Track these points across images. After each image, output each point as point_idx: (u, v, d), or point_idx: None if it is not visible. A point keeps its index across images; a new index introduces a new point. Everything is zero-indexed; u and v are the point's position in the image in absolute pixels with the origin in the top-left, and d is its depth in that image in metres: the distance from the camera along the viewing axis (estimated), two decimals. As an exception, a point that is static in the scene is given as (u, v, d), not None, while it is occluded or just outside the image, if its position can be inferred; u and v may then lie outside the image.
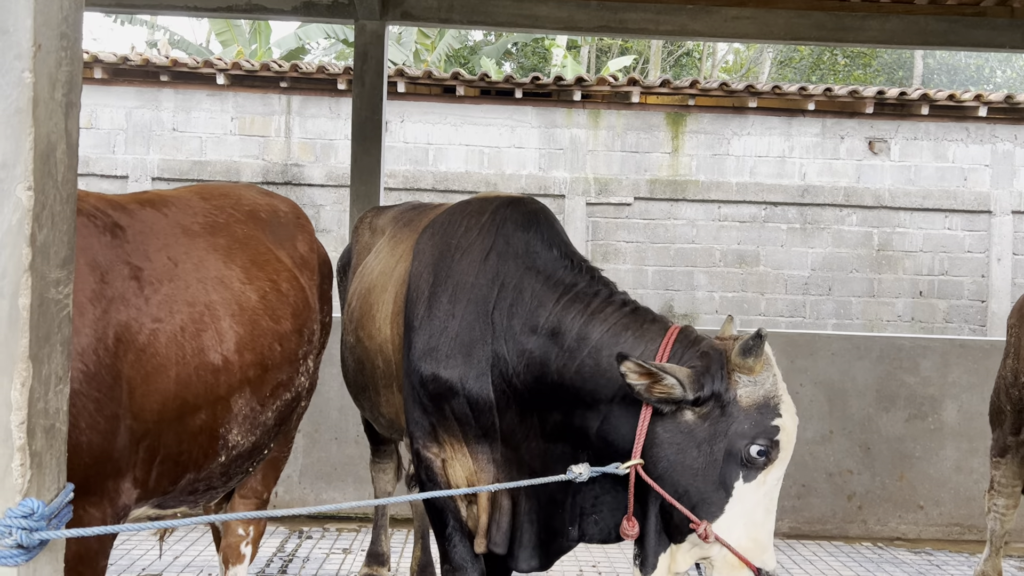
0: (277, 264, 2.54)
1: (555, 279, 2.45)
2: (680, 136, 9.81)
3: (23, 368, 1.42)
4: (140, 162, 9.39)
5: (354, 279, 3.36)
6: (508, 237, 2.55)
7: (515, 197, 2.72)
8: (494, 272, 2.50)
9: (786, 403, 2.17)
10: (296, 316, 2.52)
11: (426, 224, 2.89)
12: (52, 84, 1.46)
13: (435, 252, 2.68)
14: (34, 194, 1.42)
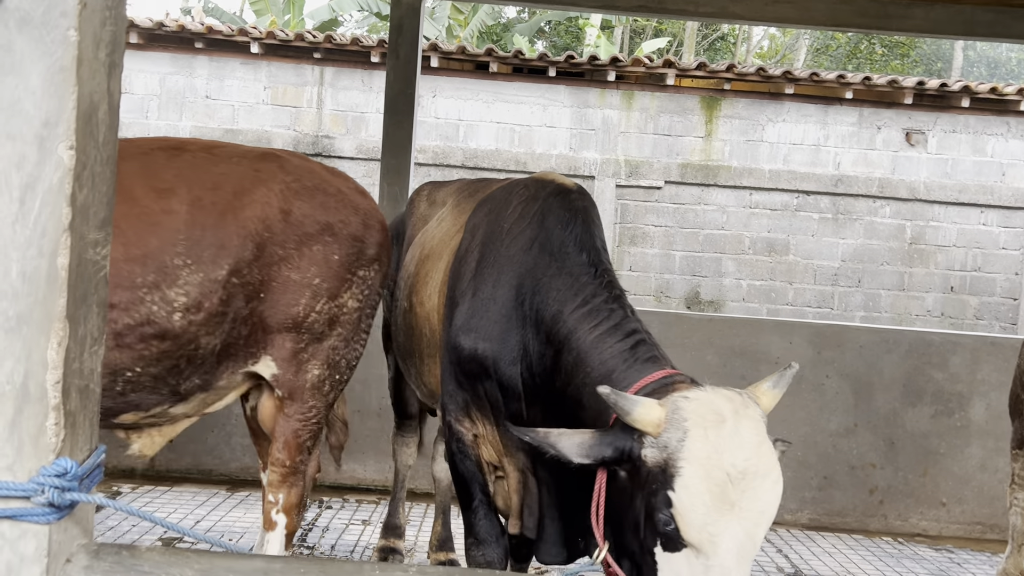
0: None
1: (577, 287, 2.41)
2: (714, 120, 9.71)
3: (60, 328, 1.42)
4: (173, 128, 9.43)
5: (415, 246, 3.40)
6: (549, 232, 2.53)
7: (565, 187, 2.69)
8: (533, 264, 2.50)
9: (688, 472, 1.81)
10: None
11: (482, 198, 2.92)
12: (96, 43, 1.45)
13: (486, 231, 2.71)
14: (75, 154, 1.41)
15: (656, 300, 9.74)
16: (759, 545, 1.82)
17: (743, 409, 1.87)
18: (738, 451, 1.80)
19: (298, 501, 2.81)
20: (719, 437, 1.81)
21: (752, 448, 1.81)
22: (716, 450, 1.80)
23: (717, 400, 1.87)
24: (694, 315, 5.54)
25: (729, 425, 1.82)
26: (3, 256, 1.40)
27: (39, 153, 1.39)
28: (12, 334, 1.40)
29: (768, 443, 1.86)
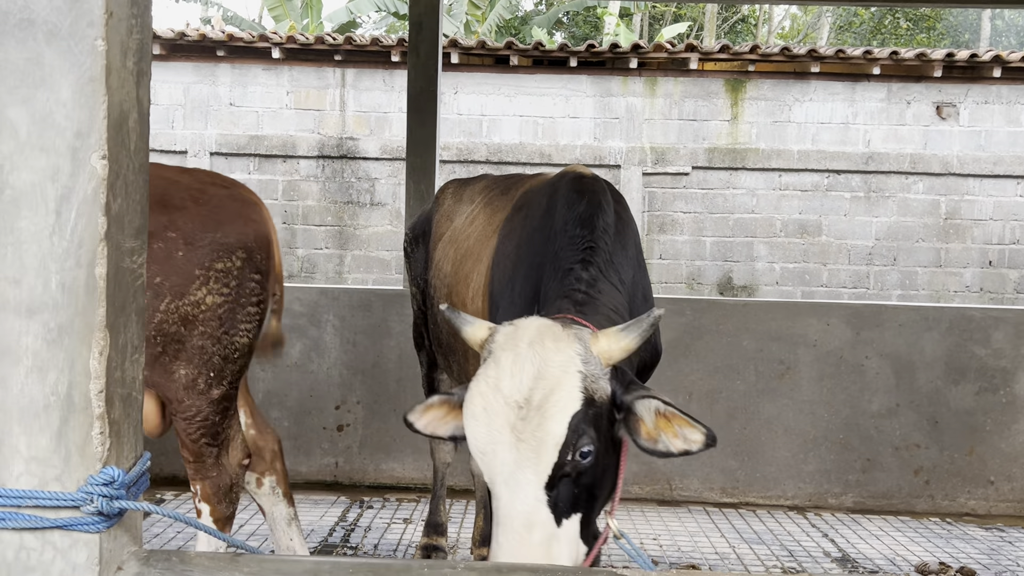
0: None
1: (559, 261, 2.38)
2: (739, 103, 9.60)
3: (101, 337, 1.42)
4: (198, 137, 9.51)
5: (446, 244, 3.39)
6: (556, 216, 2.54)
7: (580, 174, 2.68)
8: (546, 252, 2.50)
9: (469, 394, 1.87)
10: None
11: (518, 197, 2.94)
12: (124, 52, 1.45)
13: (520, 232, 2.72)
14: (108, 163, 1.41)
15: (688, 287, 9.67)
16: (544, 474, 1.75)
17: (550, 341, 1.84)
18: (524, 378, 1.80)
19: (214, 491, 2.83)
20: (504, 363, 1.83)
21: (540, 379, 1.79)
22: (503, 373, 1.82)
23: (527, 331, 1.88)
24: (728, 301, 5.48)
25: (519, 353, 1.83)
26: (42, 268, 1.41)
27: (72, 164, 1.40)
28: (54, 345, 1.41)
29: (566, 380, 1.79)
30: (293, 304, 5.31)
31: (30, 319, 1.41)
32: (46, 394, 1.42)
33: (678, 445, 1.85)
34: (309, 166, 9.64)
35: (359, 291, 5.53)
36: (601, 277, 2.31)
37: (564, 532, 1.77)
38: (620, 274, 2.39)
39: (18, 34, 1.38)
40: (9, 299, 1.41)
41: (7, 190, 1.40)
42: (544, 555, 1.70)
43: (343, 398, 5.32)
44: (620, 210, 2.65)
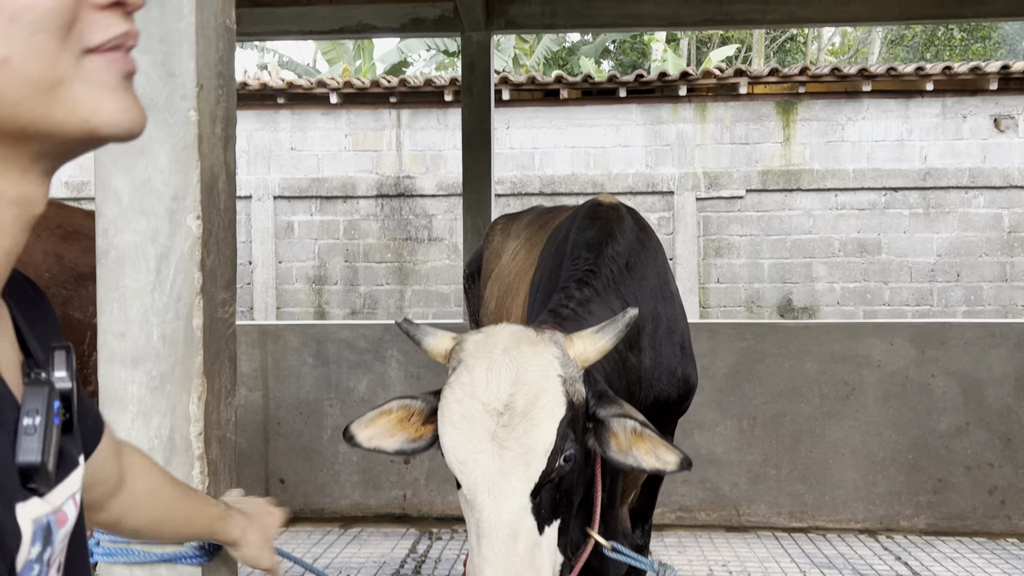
0: None
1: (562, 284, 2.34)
2: (791, 125, 9.57)
3: (199, 383, 1.54)
4: (262, 182, 9.83)
5: (493, 281, 3.45)
6: (570, 239, 2.51)
7: (598, 201, 2.64)
8: (558, 278, 2.46)
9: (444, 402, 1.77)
10: None
11: (552, 230, 2.94)
12: (213, 120, 1.58)
13: (545, 262, 2.72)
14: (202, 223, 1.54)
15: (748, 311, 9.61)
16: (531, 482, 1.68)
17: (526, 346, 1.78)
18: (502, 384, 1.72)
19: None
20: (485, 369, 1.74)
21: (519, 384, 1.72)
22: (479, 381, 1.73)
23: (498, 336, 1.81)
24: (789, 323, 5.46)
25: (495, 359, 1.75)
26: (145, 321, 1.54)
27: (170, 225, 1.53)
28: (157, 392, 1.53)
29: (547, 385, 1.73)
30: (359, 340, 5.46)
31: (135, 368, 1.54)
32: (150, 437, 1.54)
33: (650, 462, 1.79)
34: (368, 205, 9.88)
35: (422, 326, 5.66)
36: (596, 299, 2.25)
37: (545, 540, 1.74)
38: (625, 302, 2.33)
39: (120, 110, 1.52)
40: (116, 351, 1.54)
41: (112, 251, 1.54)
42: (529, 564, 1.67)
43: (409, 432, 5.43)
44: (644, 239, 2.60)
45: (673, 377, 2.53)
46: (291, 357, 5.48)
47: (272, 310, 9.88)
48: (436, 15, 5.45)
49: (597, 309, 2.21)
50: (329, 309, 9.95)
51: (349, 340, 5.48)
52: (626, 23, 5.55)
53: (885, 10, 5.29)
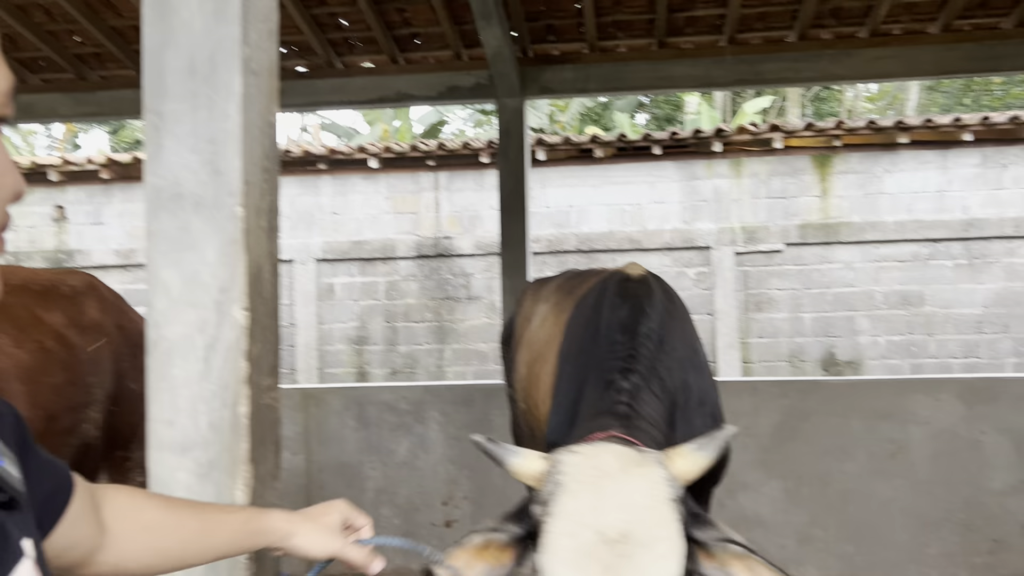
0: (42, 327, 2.83)
1: (601, 369, 2.31)
2: (828, 178, 9.54)
3: (245, 470, 1.58)
4: (304, 245, 10.02)
5: (524, 347, 3.45)
6: (600, 319, 2.50)
7: (627, 276, 2.63)
8: (589, 355, 2.45)
9: (552, 529, 1.61)
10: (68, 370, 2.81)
11: (578, 298, 2.95)
12: (258, 214, 1.65)
13: (573, 331, 2.72)
14: (248, 313, 1.60)
15: (791, 366, 9.49)
16: None
17: (634, 468, 1.65)
18: (614, 511, 1.58)
19: None
20: (594, 494, 1.61)
21: (635, 511, 1.59)
22: (589, 508, 1.59)
23: (606, 456, 1.68)
24: (833, 381, 5.40)
25: (609, 482, 1.62)
26: (193, 410, 1.59)
27: (217, 316, 1.59)
28: (204, 479, 1.58)
29: (664, 511, 1.61)
30: (399, 402, 5.50)
31: (183, 456, 1.59)
32: (198, 523, 1.59)
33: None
34: (408, 266, 10.01)
35: (461, 387, 5.69)
36: (643, 386, 2.21)
37: None
38: (663, 381, 2.30)
39: (170, 206, 1.59)
40: (164, 439, 1.60)
41: (162, 342, 1.60)
42: None
43: (450, 494, 5.42)
44: (672, 309, 2.58)
45: None
46: (333, 420, 5.53)
47: (314, 371, 9.99)
48: (472, 83, 5.58)
49: (645, 396, 2.17)
50: (370, 369, 10.03)
51: (390, 402, 5.52)
52: (659, 85, 5.62)
53: (919, 65, 5.30)
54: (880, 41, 5.21)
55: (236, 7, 1.57)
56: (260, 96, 1.64)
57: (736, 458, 4.51)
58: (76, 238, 10.30)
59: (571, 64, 5.52)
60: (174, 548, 1.12)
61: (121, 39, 5.28)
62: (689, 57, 5.40)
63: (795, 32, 5.18)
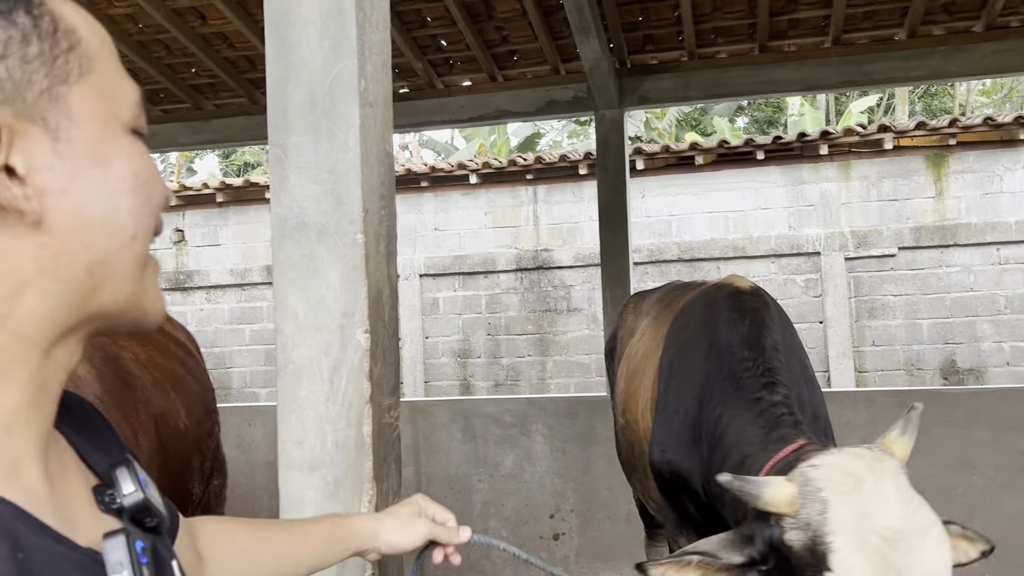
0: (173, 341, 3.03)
1: (735, 385, 2.32)
2: (943, 179, 9.14)
3: (369, 488, 1.64)
4: (409, 262, 10.24)
5: (624, 361, 3.46)
6: (719, 335, 2.49)
7: (738, 289, 2.64)
8: (707, 371, 2.45)
9: (840, 545, 1.59)
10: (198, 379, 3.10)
11: (678, 311, 2.95)
12: (377, 240, 1.70)
13: (677, 344, 2.73)
14: (370, 335, 1.65)
15: (908, 375, 9.10)
16: None
17: (878, 464, 1.66)
18: (887, 510, 1.59)
19: None
20: (862, 499, 1.61)
21: (901, 504, 1.60)
22: (863, 514, 1.59)
23: (847, 461, 1.68)
24: (955, 390, 5.16)
25: (868, 484, 1.62)
26: (320, 430, 1.65)
27: (341, 339, 1.65)
28: (332, 497, 1.64)
29: (918, 496, 1.63)
30: (504, 415, 5.55)
31: (311, 474, 1.65)
32: (326, 539, 1.65)
33: (957, 556, 1.72)
34: (508, 279, 10.10)
35: (565, 399, 5.70)
36: (790, 394, 2.25)
37: None
38: (792, 392, 2.31)
39: (295, 235, 1.67)
40: (294, 458, 1.66)
41: (290, 365, 1.67)
42: None
43: (557, 506, 5.43)
44: (785, 322, 2.58)
45: None
46: (440, 432, 5.62)
47: (420, 385, 10.17)
48: (570, 96, 5.60)
49: (793, 404, 2.20)
50: (473, 382, 10.15)
51: (495, 415, 5.58)
52: (761, 90, 5.52)
53: (1040, 57, 5.04)
54: (997, 35, 4.98)
55: (352, 42, 1.64)
56: (377, 126, 1.69)
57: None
58: (194, 259, 10.81)
59: (670, 73, 5.48)
60: (269, 567, 1.13)
61: (234, 69, 5.53)
62: (793, 60, 5.28)
63: (905, 30, 5.00)
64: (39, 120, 0.64)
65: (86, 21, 0.71)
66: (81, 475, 0.73)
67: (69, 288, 0.65)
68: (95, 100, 0.68)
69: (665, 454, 2.54)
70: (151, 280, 0.71)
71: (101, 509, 0.71)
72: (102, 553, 0.65)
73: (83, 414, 0.82)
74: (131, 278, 0.68)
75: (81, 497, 0.70)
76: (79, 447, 0.76)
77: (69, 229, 0.64)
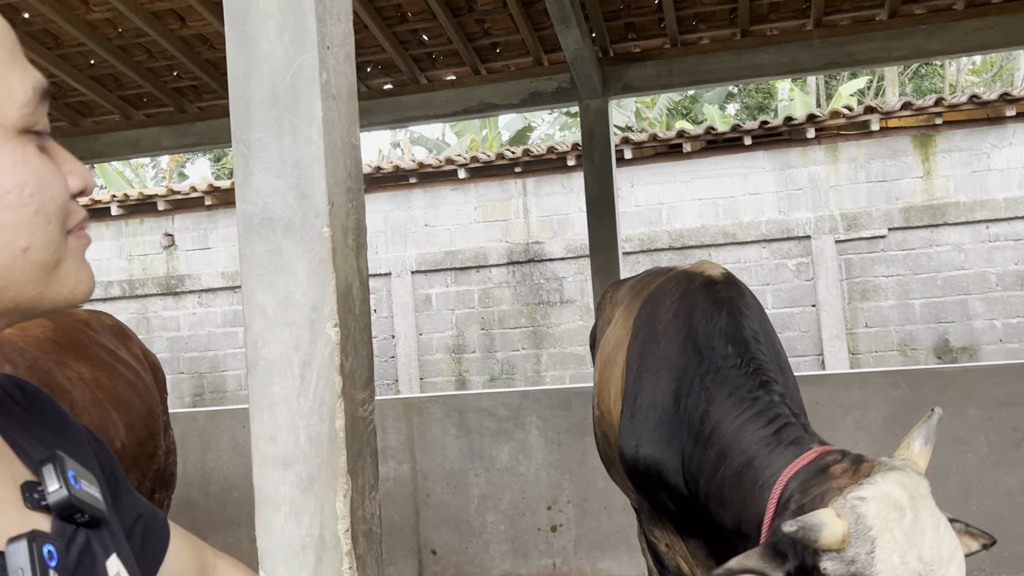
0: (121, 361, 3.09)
1: (721, 380, 2.30)
2: (931, 158, 9.14)
3: (344, 482, 1.63)
4: (399, 258, 10.23)
5: (598, 351, 3.44)
6: (696, 327, 2.46)
7: (711, 279, 2.61)
8: (685, 364, 2.43)
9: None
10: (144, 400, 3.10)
11: (645, 298, 2.90)
12: (344, 233, 1.69)
13: (646, 332, 2.68)
14: (340, 329, 1.64)
15: (902, 355, 9.12)
16: None
17: (916, 490, 1.72)
18: (924, 540, 1.67)
19: None
20: (904, 534, 1.68)
21: (933, 533, 1.68)
22: (904, 551, 1.67)
23: (892, 490, 1.72)
24: (946, 368, 5.16)
25: (910, 517, 1.69)
26: (292, 425, 1.64)
27: (311, 334, 1.63)
28: (307, 492, 1.63)
29: (944, 520, 1.72)
30: (498, 408, 5.54)
31: (285, 470, 1.64)
32: (302, 535, 1.63)
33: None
34: (500, 273, 10.09)
35: (558, 391, 5.69)
36: (785, 392, 2.25)
37: None
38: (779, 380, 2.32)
39: (261, 231, 1.65)
40: (268, 454, 1.65)
41: (260, 362, 1.66)
42: None
43: (554, 498, 5.43)
44: (757, 308, 2.56)
45: None
46: (435, 428, 5.62)
47: (416, 381, 10.17)
48: (554, 87, 5.59)
49: (787, 399, 2.22)
50: (469, 377, 10.15)
51: (489, 408, 5.57)
52: (745, 75, 5.50)
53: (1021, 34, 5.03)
54: (978, 12, 4.97)
55: (312, 34, 1.62)
56: (341, 119, 1.68)
57: (845, 453, 4.33)
58: (185, 263, 10.79)
59: (653, 60, 5.47)
60: None
61: (215, 70, 5.51)
62: (775, 44, 5.27)
63: (886, 10, 4.99)
64: None
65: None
66: (10, 472, 0.71)
67: None
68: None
69: (639, 449, 2.49)
70: (68, 270, 0.70)
71: (28, 507, 0.69)
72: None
73: (34, 405, 0.81)
74: (34, 283, 0.67)
75: (5, 496, 0.69)
76: (14, 440, 0.74)
77: None
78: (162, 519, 0.97)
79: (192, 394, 10.71)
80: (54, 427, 0.82)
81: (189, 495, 5.74)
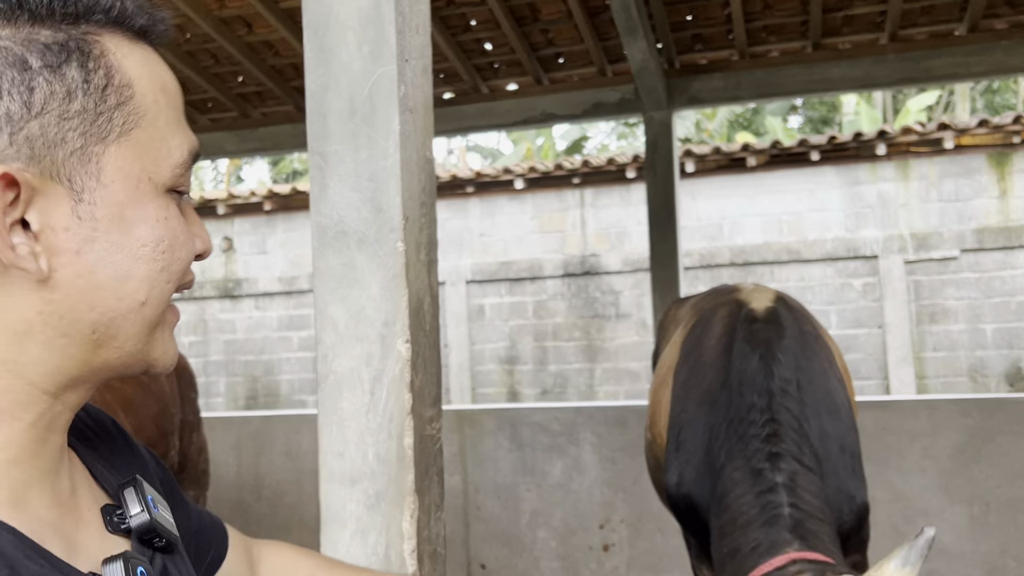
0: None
1: (739, 438, 2.19)
2: (1007, 178, 8.83)
3: (411, 501, 1.59)
4: (455, 268, 10.24)
5: (655, 372, 3.37)
6: (731, 368, 2.36)
7: (754, 314, 2.49)
8: (717, 405, 2.35)
9: None
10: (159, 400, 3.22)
11: (695, 320, 2.79)
12: (418, 248, 1.66)
13: (693, 360, 2.60)
14: (411, 345, 1.61)
15: (972, 381, 8.81)
16: None
17: None
18: None
19: None
20: None
21: None
22: None
23: None
24: (1020, 397, 4.96)
25: None
26: (360, 442, 1.61)
27: (382, 349, 1.61)
28: (373, 510, 1.60)
29: None
30: (551, 423, 5.48)
31: (352, 487, 1.61)
32: (367, 554, 1.60)
33: None
34: (555, 285, 10.03)
35: (614, 408, 5.60)
36: (798, 469, 2.11)
37: None
38: (810, 439, 2.18)
39: (335, 244, 1.63)
40: (335, 470, 1.63)
41: (331, 376, 1.64)
42: None
43: (607, 517, 5.34)
44: (804, 343, 2.41)
45: (853, 503, 2.29)
46: (487, 441, 5.58)
47: (467, 391, 10.15)
48: (617, 98, 5.52)
49: (805, 483, 2.08)
50: (521, 389, 10.10)
51: (542, 423, 5.51)
52: (815, 89, 5.37)
53: (1109, 50, 4.82)
54: (1064, 27, 4.78)
55: (391, 47, 1.60)
56: (417, 132, 1.66)
57: (914, 483, 4.24)
58: (243, 267, 10.95)
59: (720, 72, 5.37)
60: None
61: (280, 77, 5.57)
62: (847, 58, 5.14)
63: (965, 24, 4.83)
64: (64, 180, 0.63)
65: (149, 72, 0.68)
66: (91, 496, 0.73)
67: (75, 342, 0.66)
68: (131, 160, 0.66)
69: (680, 487, 2.42)
70: (162, 335, 0.71)
71: (109, 530, 0.71)
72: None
73: (102, 430, 0.83)
74: (137, 339, 0.69)
75: (90, 519, 0.71)
76: (92, 465, 0.76)
77: (76, 289, 0.64)
78: (220, 526, 0.98)
79: (246, 396, 10.85)
80: (121, 449, 0.84)
81: (242, 498, 5.79)
